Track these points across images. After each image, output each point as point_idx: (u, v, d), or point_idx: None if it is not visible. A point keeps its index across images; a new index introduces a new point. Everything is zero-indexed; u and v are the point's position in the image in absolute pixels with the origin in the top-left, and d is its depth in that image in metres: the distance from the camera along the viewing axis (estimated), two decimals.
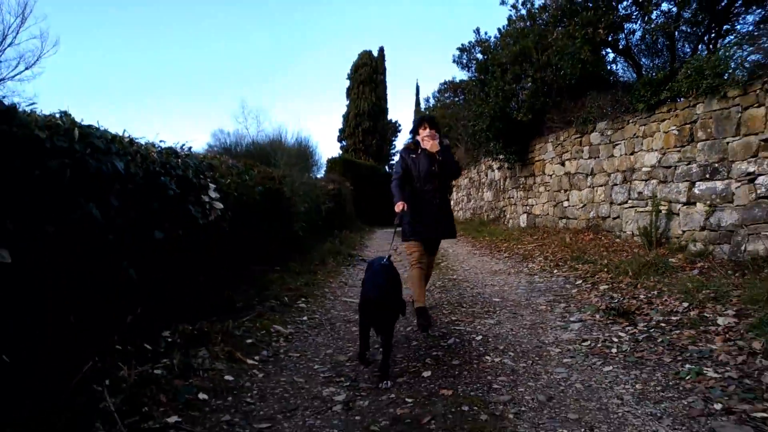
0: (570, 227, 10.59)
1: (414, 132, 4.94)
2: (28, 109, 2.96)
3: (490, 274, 7.51)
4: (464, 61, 13.46)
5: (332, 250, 9.47)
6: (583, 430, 2.57)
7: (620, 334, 4.11)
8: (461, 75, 21.27)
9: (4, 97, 2.73)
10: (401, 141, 37.59)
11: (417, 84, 57.78)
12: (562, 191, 11.17)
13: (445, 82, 26.92)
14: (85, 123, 3.21)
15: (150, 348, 3.44)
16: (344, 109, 33.97)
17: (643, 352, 3.68)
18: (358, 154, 32.37)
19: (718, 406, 2.72)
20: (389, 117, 35.02)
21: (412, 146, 4.87)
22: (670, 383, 3.10)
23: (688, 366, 3.31)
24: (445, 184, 4.95)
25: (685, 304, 4.54)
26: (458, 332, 4.47)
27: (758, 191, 5.99)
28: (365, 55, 33.22)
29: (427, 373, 3.46)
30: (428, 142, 4.73)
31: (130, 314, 3.33)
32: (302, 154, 16.16)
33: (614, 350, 3.76)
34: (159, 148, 4.22)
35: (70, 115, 3.17)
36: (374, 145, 33.25)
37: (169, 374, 3.17)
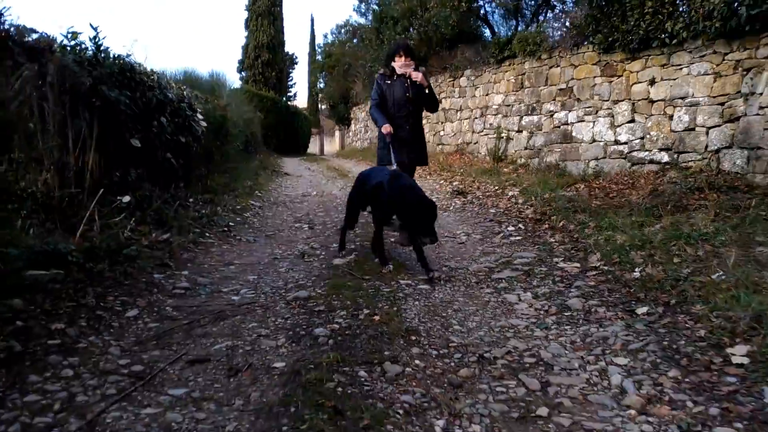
0: (444, 151, 13.69)
1: (389, 59, 4.98)
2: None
3: None
4: (362, 10, 15.78)
5: (260, 166, 11.82)
6: None
7: (457, 201, 7.17)
8: (360, 21, 23.51)
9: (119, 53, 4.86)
10: (298, 73, 38.67)
11: (312, 17, 58.04)
12: (440, 123, 14.19)
13: (344, 23, 28.67)
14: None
15: (189, 205, 5.88)
16: (243, 41, 34.51)
17: (467, 207, 6.75)
18: (258, 85, 33.42)
19: (487, 219, 5.81)
20: (286, 49, 36.11)
21: (388, 73, 4.95)
22: (474, 216, 6.18)
23: (484, 210, 6.40)
24: (418, 112, 5.02)
25: (496, 188, 7.72)
26: None
27: (554, 123, 9.29)
28: None
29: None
30: (404, 69, 4.81)
31: (176, 183, 5.76)
32: (216, 85, 17.55)
33: (452, 208, 6.80)
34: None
35: (141, 63, 5.40)
36: (273, 77, 34.28)
37: (208, 216, 5.65)
